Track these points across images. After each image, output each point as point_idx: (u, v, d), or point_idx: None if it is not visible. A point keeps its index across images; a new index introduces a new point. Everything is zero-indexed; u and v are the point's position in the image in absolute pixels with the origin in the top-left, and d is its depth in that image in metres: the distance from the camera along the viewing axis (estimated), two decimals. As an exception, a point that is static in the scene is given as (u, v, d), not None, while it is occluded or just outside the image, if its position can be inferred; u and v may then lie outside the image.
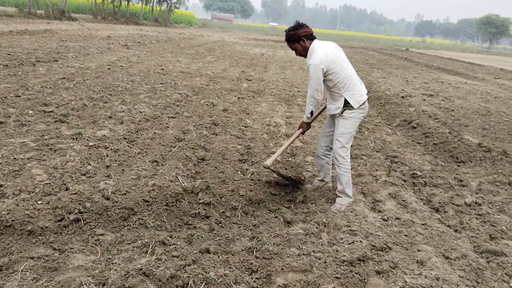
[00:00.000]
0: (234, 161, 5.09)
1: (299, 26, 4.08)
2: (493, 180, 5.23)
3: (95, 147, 4.91)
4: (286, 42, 4.20)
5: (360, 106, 4.09)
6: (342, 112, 4.12)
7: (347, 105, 4.08)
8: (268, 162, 4.21)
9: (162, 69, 11.69)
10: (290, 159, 5.39)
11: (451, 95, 12.41)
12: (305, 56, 4.14)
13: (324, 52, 3.99)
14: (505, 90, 15.55)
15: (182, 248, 3.07)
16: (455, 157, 6.15)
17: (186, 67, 12.84)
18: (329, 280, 2.87)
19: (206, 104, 7.89)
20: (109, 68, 10.56)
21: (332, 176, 4.69)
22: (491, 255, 3.47)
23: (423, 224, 3.86)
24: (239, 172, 4.77)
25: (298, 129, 4.49)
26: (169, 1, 47.28)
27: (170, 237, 3.25)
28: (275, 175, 4.50)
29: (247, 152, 5.53)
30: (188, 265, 2.82)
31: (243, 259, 3.01)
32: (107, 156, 4.72)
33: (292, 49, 4.19)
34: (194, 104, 7.87)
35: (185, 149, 5.18)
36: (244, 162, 5.16)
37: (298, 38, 4.05)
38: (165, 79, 10.12)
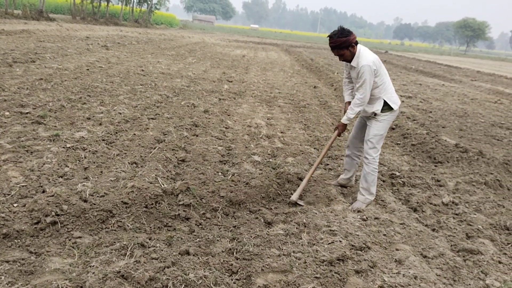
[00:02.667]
0: (215, 162, 5.08)
1: (348, 32, 4.10)
2: (470, 180, 5.33)
3: (73, 149, 4.83)
4: (332, 49, 4.17)
5: (395, 108, 4.31)
6: (375, 115, 4.31)
7: (383, 107, 4.27)
8: (294, 197, 4.27)
9: (142, 70, 11.59)
10: (270, 160, 5.40)
11: (429, 97, 12.63)
12: (349, 61, 4.20)
13: (372, 55, 4.16)
14: (482, 92, 15.90)
15: (162, 250, 3.05)
16: (433, 157, 6.26)
17: (167, 68, 12.76)
18: (309, 280, 2.88)
19: (186, 105, 7.85)
20: (88, 69, 10.42)
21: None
22: (467, 253, 3.53)
23: (401, 224, 3.91)
24: (219, 173, 4.75)
25: (334, 131, 4.59)
26: (149, 2, 46.90)
27: (149, 239, 3.22)
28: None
29: (228, 153, 5.52)
30: (168, 267, 2.79)
31: (223, 260, 3.00)
32: (85, 157, 4.65)
33: (338, 55, 4.18)
34: (175, 105, 7.82)
35: (165, 150, 5.14)
36: (224, 163, 5.14)
37: (349, 44, 4.08)
38: (145, 80, 10.04)
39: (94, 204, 3.51)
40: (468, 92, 14.98)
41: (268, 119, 7.79)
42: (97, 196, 3.65)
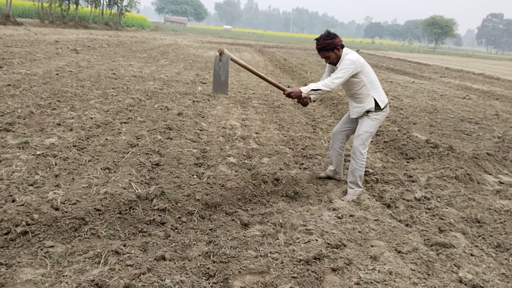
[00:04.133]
0: (190, 165, 5.04)
1: (334, 35, 4.27)
2: (441, 174, 5.45)
3: (43, 156, 4.72)
4: (318, 51, 4.35)
5: (385, 107, 4.51)
6: (368, 113, 4.48)
7: (375, 107, 4.44)
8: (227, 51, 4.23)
9: (114, 73, 11.42)
10: (246, 161, 5.40)
11: (400, 94, 12.86)
12: (335, 64, 4.37)
13: (356, 55, 4.33)
14: (450, 88, 16.29)
15: (137, 257, 3.00)
16: (405, 154, 6.37)
17: (139, 71, 12.61)
18: (286, 280, 2.89)
19: (160, 108, 7.78)
20: (57, 74, 10.20)
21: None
22: (440, 247, 3.61)
23: (375, 220, 3.97)
24: (195, 176, 4.72)
25: (289, 94, 4.42)
26: (119, 4, 46.23)
27: (124, 245, 3.17)
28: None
29: (203, 155, 5.49)
30: (143, 274, 2.76)
31: (200, 264, 2.98)
32: (56, 164, 4.55)
33: (324, 57, 4.38)
34: (148, 108, 7.73)
35: (139, 154, 5.08)
36: (200, 166, 5.11)
37: (335, 46, 4.25)
38: (116, 83, 9.89)
39: (66, 212, 3.43)
40: (437, 89, 15.33)
41: (242, 120, 7.79)
42: (69, 204, 3.57)
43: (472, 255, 3.52)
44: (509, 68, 37.29)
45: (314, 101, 4.81)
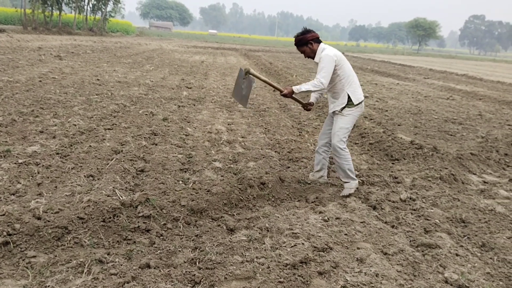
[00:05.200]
0: (175, 170, 5.00)
1: (306, 31, 4.56)
2: (426, 175, 5.49)
3: (25, 164, 4.65)
4: (296, 47, 4.64)
5: (359, 103, 4.62)
6: (341, 110, 4.62)
7: (348, 103, 4.58)
8: (250, 70, 4.59)
9: (98, 79, 11.32)
10: (232, 165, 5.38)
11: (384, 96, 12.96)
12: (313, 58, 4.58)
13: (334, 50, 4.52)
14: (434, 89, 16.47)
15: (121, 265, 2.96)
16: (390, 155, 6.41)
17: (123, 76, 12.52)
18: (272, 285, 2.87)
19: (145, 114, 7.72)
20: (40, 81, 10.08)
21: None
22: (426, 248, 3.62)
23: (362, 222, 3.97)
24: (180, 182, 4.69)
25: (282, 92, 4.63)
26: (103, 10, 45.90)
27: (108, 254, 3.13)
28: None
29: (188, 161, 5.45)
30: (127, 282, 2.72)
31: (186, 271, 2.95)
32: (38, 173, 4.48)
33: (301, 52, 4.64)
34: (132, 114, 7.67)
35: (123, 161, 5.02)
36: (185, 171, 5.08)
37: (307, 41, 4.51)
38: (101, 89, 9.80)
39: (49, 221, 3.38)
40: (421, 90, 15.48)
41: (228, 124, 7.77)
42: (52, 213, 3.51)
43: (457, 255, 3.54)
44: (491, 68, 37.89)
45: (315, 103, 5.07)
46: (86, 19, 43.68)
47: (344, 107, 4.60)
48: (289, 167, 5.58)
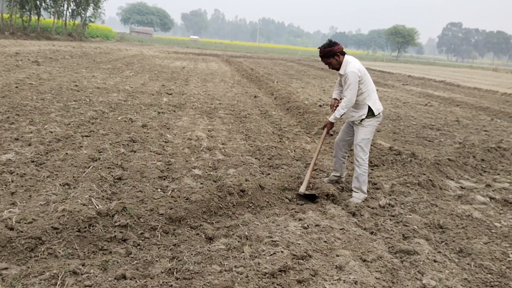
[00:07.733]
0: (154, 178, 4.93)
1: (333, 43, 4.73)
2: (404, 181, 5.54)
3: (-2, 173, 4.52)
4: (321, 58, 4.80)
5: (378, 114, 4.80)
6: (361, 121, 4.81)
7: (368, 113, 4.76)
8: (302, 189, 4.78)
9: (76, 85, 11.15)
10: (212, 173, 5.33)
11: (365, 102, 13.05)
12: (338, 69, 4.78)
13: (358, 63, 4.71)
14: (413, 95, 16.71)
15: (96, 276, 2.89)
16: (369, 161, 6.44)
17: (103, 82, 12.36)
18: (251, 294, 2.83)
19: (123, 121, 7.62)
20: (16, 87, 9.87)
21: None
22: (404, 254, 3.64)
23: (341, 229, 3.97)
24: (159, 190, 4.62)
25: (323, 129, 5.08)
26: (83, 15, 45.37)
27: (83, 265, 3.05)
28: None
29: (168, 168, 5.39)
30: (102, 294, 2.65)
31: (163, 282, 2.89)
32: (12, 181, 4.36)
33: (326, 63, 4.82)
34: (111, 121, 7.56)
35: (100, 169, 4.93)
36: (164, 179, 5.01)
37: (334, 53, 4.68)
38: (79, 95, 9.65)
39: (22, 232, 3.28)
40: (400, 96, 15.70)
41: (209, 131, 7.72)
42: (25, 223, 3.42)
43: (435, 261, 3.56)
44: (468, 75, 38.66)
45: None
46: (65, 24, 43.06)
47: (364, 118, 4.78)
48: (269, 174, 5.55)
